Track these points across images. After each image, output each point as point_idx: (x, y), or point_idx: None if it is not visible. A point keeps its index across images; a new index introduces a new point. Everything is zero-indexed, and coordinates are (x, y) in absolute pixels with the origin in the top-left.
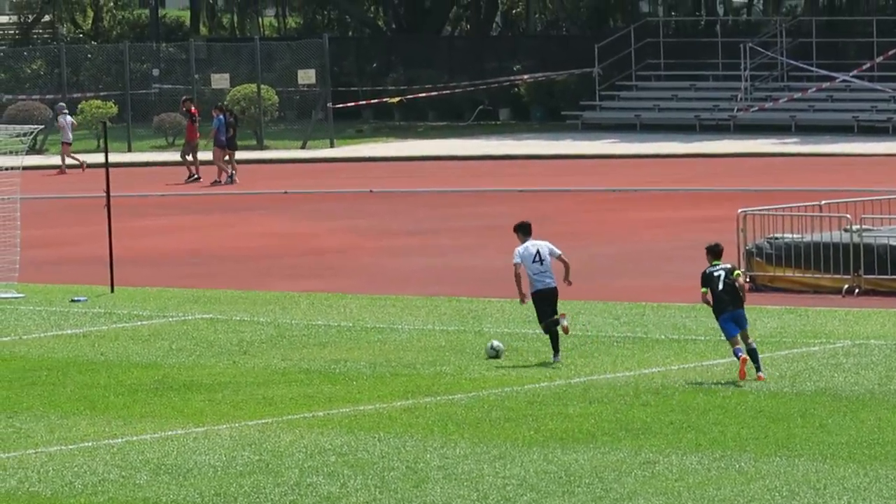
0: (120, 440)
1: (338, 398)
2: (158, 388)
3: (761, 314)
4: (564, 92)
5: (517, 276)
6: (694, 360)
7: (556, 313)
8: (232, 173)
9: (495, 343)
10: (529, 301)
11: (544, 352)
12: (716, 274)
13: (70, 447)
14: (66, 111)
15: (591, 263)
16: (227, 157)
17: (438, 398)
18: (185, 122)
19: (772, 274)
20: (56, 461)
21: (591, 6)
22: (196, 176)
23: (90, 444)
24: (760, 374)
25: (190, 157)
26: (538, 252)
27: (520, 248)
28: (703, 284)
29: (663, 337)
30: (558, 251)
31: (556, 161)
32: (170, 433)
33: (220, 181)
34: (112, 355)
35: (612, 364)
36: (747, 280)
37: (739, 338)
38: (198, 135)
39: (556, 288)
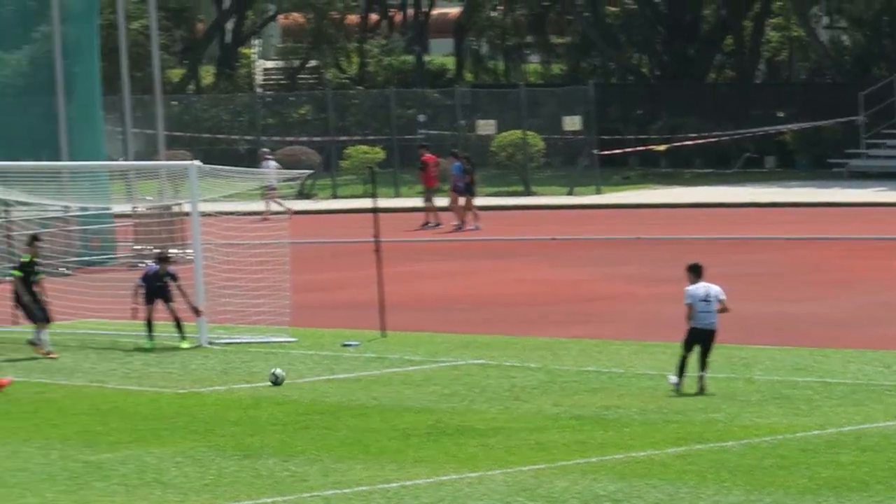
0: (394, 485)
1: (610, 444)
2: (431, 432)
3: None
4: (830, 140)
5: (689, 315)
6: None
7: (708, 353)
8: (477, 224)
9: (277, 371)
10: None
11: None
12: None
13: (345, 491)
14: (271, 156)
15: (861, 312)
16: (467, 204)
17: (710, 445)
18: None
19: None
20: None
21: (854, 54)
22: (430, 223)
23: (365, 488)
24: None
25: (433, 203)
26: (707, 293)
27: (690, 288)
28: None
29: None
30: (724, 297)
31: (823, 209)
32: (444, 478)
33: (461, 227)
34: (384, 399)
35: (884, 413)
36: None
37: None
38: (435, 182)
39: (714, 331)
